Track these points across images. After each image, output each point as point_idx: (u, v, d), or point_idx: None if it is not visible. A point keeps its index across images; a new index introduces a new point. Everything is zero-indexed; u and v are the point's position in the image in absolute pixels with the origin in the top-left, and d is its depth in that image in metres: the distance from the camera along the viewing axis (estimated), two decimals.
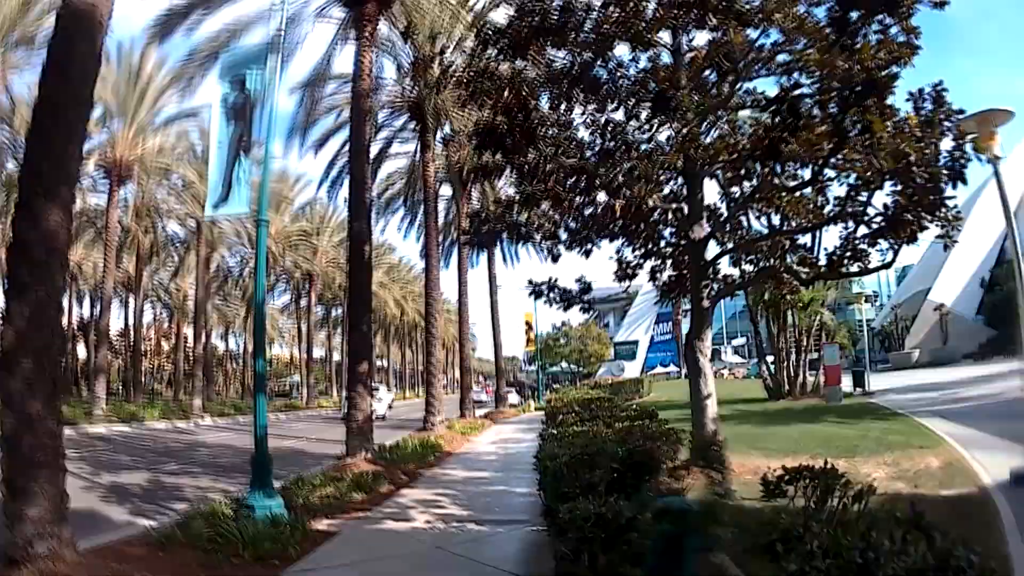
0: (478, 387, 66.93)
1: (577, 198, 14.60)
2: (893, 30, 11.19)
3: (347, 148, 23.21)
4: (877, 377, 37.62)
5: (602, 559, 5.39)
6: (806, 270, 15.52)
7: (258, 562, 8.82)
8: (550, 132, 13.41)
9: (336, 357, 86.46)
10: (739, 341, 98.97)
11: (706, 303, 14.77)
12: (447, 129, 31.42)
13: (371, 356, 21.47)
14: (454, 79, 14.90)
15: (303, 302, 71.19)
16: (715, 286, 15.90)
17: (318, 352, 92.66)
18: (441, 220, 38.87)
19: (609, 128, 13.50)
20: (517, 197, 14.75)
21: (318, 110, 28.06)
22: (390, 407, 51.50)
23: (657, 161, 13.50)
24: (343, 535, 10.49)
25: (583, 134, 14.18)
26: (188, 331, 63.78)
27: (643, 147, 13.84)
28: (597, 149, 13.62)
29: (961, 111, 12.10)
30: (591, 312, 20.66)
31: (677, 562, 4.85)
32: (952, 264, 58.99)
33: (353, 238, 19.44)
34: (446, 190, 39.04)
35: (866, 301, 44.77)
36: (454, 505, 12.98)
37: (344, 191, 29.62)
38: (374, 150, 29.01)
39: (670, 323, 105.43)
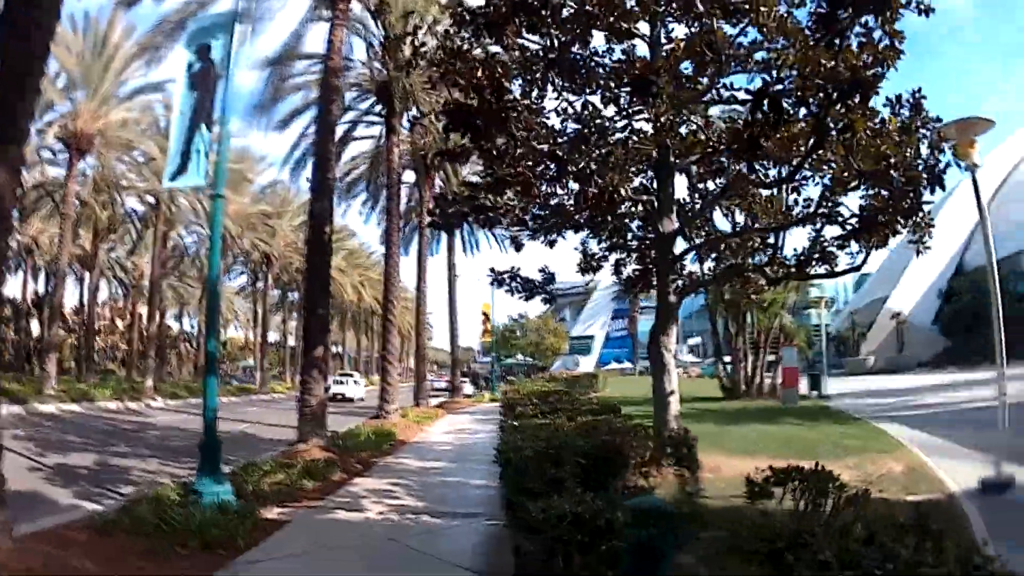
0: (433, 376, 66.54)
1: (547, 185, 14.34)
2: (876, 34, 11.01)
3: (312, 129, 22.84)
4: (833, 381, 37.76)
5: (578, 560, 5.03)
6: (775, 269, 15.43)
7: (205, 551, 8.37)
8: (523, 115, 13.07)
9: (291, 342, 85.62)
10: (695, 340, 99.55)
11: (673, 298, 14.64)
12: (414, 112, 31.03)
13: (327, 340, 21.01)
14: (426, 59, 14.53)
15: (260, 284, 70.33)
16: (681, 281, 15.70)
17: (273, 336, 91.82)
18: (403, 206, 38.41)
19: (586, 112, 13.19)
20: (487, 180, 14.39)
21: (285, 88, 27.52)
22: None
23: (632, 150, 13.23)
24: (294, 524, 10.08)
25: (554, 121, 13.89)
26: (143, 310, 62.39)
27: (618, 135, 13.57)
28: (571, 135, 13.29)
29: (939, 119, 12.15)
30: (553, 303, 20.48)
31: (654, 564, 4.59)
32: (911, 273, 59.82)
33: (315, 217, 18.95)
34: (409, 176, 38.62)
35: (824, 306, 44.99)
36: (409, 496, 12.57)
37: (306, 172, 29.19)
38: (339, 132, 28.47)
39: (626, 320, 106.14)
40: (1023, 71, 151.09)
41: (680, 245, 15.52)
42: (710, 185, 16.43)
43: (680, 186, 16.14)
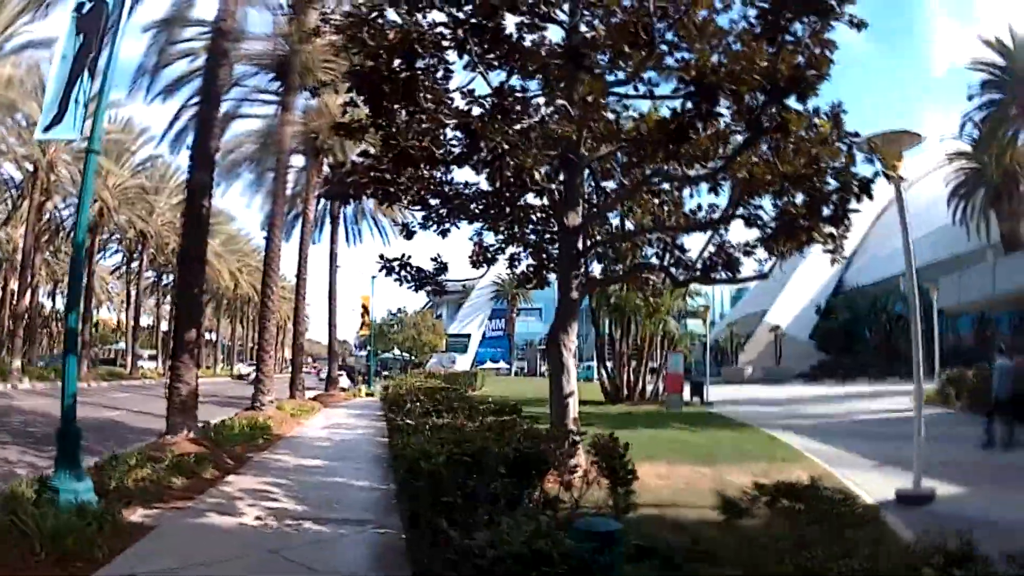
0: (308, 368, 64.87)
1: (454, 165, 13.53)
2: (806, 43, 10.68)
3: (197, 99, 21.44)
4: (712, 389, 38.04)
5: None
6: (680, 272, 15.09)
7: (59, 564, 7.15)
8: (433, 86, 12.20)
9: (164, 326, 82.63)
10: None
11: (575, 295, 14.09)
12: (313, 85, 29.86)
13: (201, 322, 19.64)
14: (332, 26, 13.42)
15: (135, 265, 67.47)
16: (581, 279, 15.10)
17: (147, 320, 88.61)
18: (289, 190, 36.87)
19: (507, 85, 12.36)
20: (389, 154, 13.28)
21: (172, 53, 25.90)
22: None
23: (551, 130, 12.38)
24: (160, 531, 8.85)
25: (461, 103, 12.97)
26: (16, 287, 58.56)
27: (540, 113, 12.73)
28: (487, 108, 12.35)
29: (856, 134, 12.01)
30: (443, 295, 19.64)
31: None
32: (790, 289, 61.76)
33: (193, 189, 17.62)
34: (297, 161, 37.20)
35: (697, 316, 45.43)
36: (288, 498, 11.42)
37: (188, 144, 27.58)
38: (226, 107, 27.15)
39: (504, 320, 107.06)
40: (903, 107, 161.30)
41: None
42: (611, 184, 16.03)
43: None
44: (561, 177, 14.31)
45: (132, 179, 56.30)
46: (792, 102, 10.81)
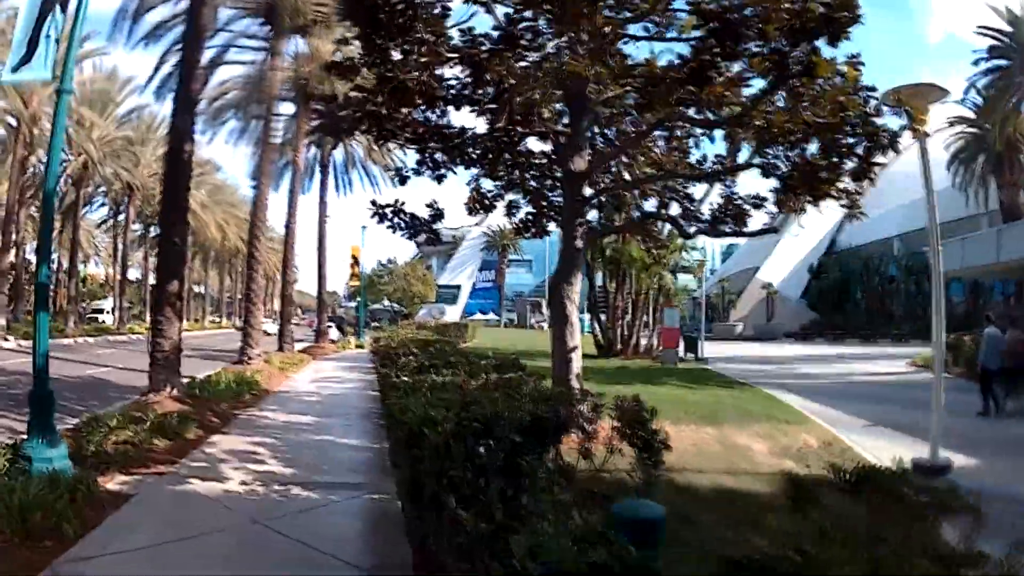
0: (297, 319, 64.23)
1: (451, 108, 12.85)
2: None
3: (180, 44, 20.55)
4: (705, 345, 37.67)
5: None
6: (688, 223, 14.52)
7: (25, 544, 6.41)
8: (431, 16, 11.42)
9: (152, 280, 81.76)
10: None
11: (579, 244, 13.58)
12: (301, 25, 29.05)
13: (183, 273, 18.93)
14: None
15: (121, 218, 66.55)
16: (584, 227, 14.48)
17: (135, 274, 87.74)
18: (278, 139, 35.95)
19: (516, 15, 11.53)
20: (384, 88, 12.43)
21: None
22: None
23: (563, 65, 11.60)
24: (139, 500, 8.18)
25: (458, 40, 12.20)
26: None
27: (550, 45, 11.95)
28: (494, 40, 11.54)
29: (873, 88, 11.42)
30: (438, 243, 19.01)
31: None
32: (782, 247, 62.04)
33: (175, 134, 16.78)
34: (286, 109, 36.27)
35: (688, 271, 44.92)
36: (275, 459, 10.81)
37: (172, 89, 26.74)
38: (211, 54, 26.39)
39: (493, 271, 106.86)
40: (899, 72, 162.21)
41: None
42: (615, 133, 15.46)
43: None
44: (566, 120, 13.68)
45: (117, 131, 55.29)
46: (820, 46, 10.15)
